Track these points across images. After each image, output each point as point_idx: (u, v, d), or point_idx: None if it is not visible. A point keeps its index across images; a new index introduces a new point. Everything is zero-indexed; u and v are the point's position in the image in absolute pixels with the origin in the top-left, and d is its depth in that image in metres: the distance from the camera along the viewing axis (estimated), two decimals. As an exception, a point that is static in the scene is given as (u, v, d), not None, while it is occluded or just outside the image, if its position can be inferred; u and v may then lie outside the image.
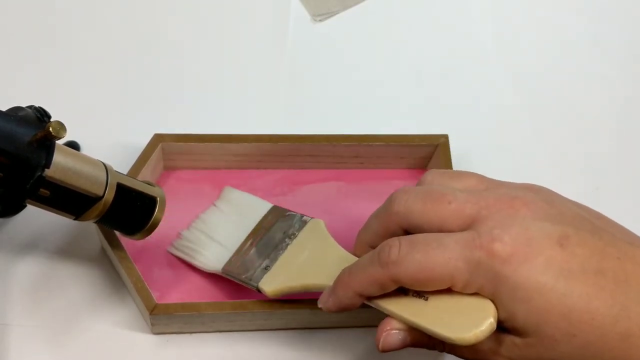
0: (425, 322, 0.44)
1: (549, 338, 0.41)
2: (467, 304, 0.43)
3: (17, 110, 0.47)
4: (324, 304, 0.48)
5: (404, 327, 0.45)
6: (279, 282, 0.51)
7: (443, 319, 0.43)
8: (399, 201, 0.46)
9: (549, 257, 0.41)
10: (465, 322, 0.43)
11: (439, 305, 0.44)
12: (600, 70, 0.71)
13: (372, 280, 0.45)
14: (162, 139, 0.57)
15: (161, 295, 0.55)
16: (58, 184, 0.46)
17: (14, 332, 0.54)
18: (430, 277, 0.43)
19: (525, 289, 0.41)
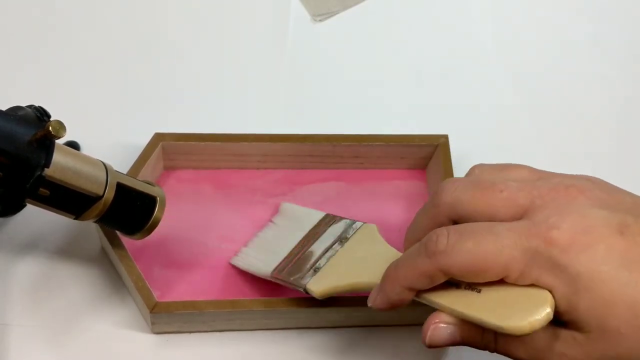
0: (478, 313, 0.42)
1: (613, 331, 0.39)
2: (522, 294, 0.41)
3: (16, 109, 0.47)
4: (373, 302, 0.46)
5: (454, 322, 0.43)
6: (326, 282, 0.51)
7: (496, 310, 0.41)
8: (447, 191, 0.44)
9: (610, 246, 0.39)
10: (520, 312, 0.40)
11: (492, 297, 0.42)
12: (600, 70, 0.71)
13: (420, 272, 0.42)
14: (162, 139, 0.57)
15: (161, 295, 0.55)
16: (58, 184, 0.46)
17: (14, 332, 0.54)
18: (482, 267, 0.40)
19: (587, 278, 0.39)
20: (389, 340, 0.56)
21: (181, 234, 0.58)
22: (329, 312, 0.54)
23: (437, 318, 0.43)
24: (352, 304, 0.53)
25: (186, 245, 0.57)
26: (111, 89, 0.65)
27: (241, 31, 0.70)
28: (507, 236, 0.40)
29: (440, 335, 0.43)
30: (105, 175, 0.48)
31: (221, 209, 0.59)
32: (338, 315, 0.54)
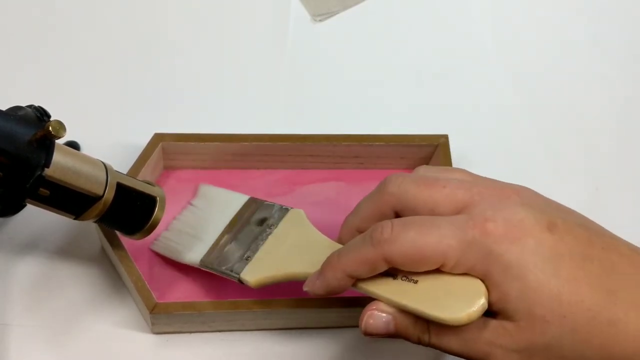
0: (415, 304, 0.44)
1: (540, 319, 0.42)
2: (457, 285, 0.43)
3: (16, 109, 0.47)
4: (311, 287, 0.48)
5: (389, 311, 0.45)
6: (261, 272, 0.51)
7: (434, 300, 0.43)
8: (394, 183, 0.46)
9: (539, 240, 0.42)
10: (457, 303, 0.43)
11: (428, 288, 0.44)
12: (600, 70, 0.71)
13: (363, 260, 0.44)
14: (162, 139, 0.57)
15: (161, 295, 0.55)
16: (58, 184, 0.46)
17: (14, 332, 0.54)
18: (422, 255, 0.43)
19: (518, 266, 0.42)
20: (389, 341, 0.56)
21: (181, 234, 0.58)
22: (329, 312, 0.54)
23: (374, 306, 0.45)
24: (352, 304, 0.53)
25: (186, 245, 0.57)
26: (111, 89, 0.65)
27: (241, 31, 0.70)
28: (446, 227, 0.43)
29: (376, 323, 0.45)
30: (105, 175, 0.48)
31: (221, 209, 0.59)
32: (338, 315, 0.54)
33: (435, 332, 0.44)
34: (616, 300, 0.42)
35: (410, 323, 0.45)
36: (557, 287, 0.42)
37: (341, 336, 0.56)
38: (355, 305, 0.53)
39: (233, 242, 0.54)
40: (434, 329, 0.44)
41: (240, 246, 0.53)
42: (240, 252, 0.53)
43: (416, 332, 0.45)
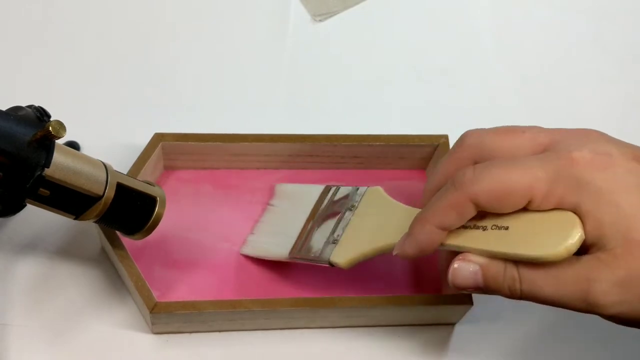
0: (510, 248, 0.42)
1: (637, 244, 0.40)
2: (549, 221, 0.42)
3: (16, 109, 0.47)
4: (401, 249, 0.46)
5: (478, 261, 0.44)
6: (350, 252, 0.51)
7: (528, 241, 0.42)
8: (472, 135, 0.46)
9: (628, 168, 0.42)
10: (553, 238, 0.41)
11: (520, 230, 0.43)
12: (600, 70, 0.71)
13: (449, 205, 0.43)
14: (162, 139, 0.57)
15: (161, 295, 0.55)
16: (58, 184, 0.46)
17: (14, 332, 0.54)
18: (509, 190, 0.42)
19: (610, 192, 0.41)
20: (389, 341, 0.56)
21: (181, 234, 0.58)
22: (329, 312, 0.54)
23: (461, 256, 0.44)
24: (352, 304, 0.53)
25: (186, 245, 0.57)
26: (111, 89, 0.65)
27: (241, 31, 0.70)
28: (531, 162, 0.42)
29: (463, 274, 0.44)
30: (105, 175, 0.48)
31: (221, 209, 0.59)
32: (338, 315, 0.54)
33: (526, 280, 0.43)
34: None
35: (500, 272, 0.43)
36: None
37: (341, 336, 0.56)
38: (355, 305, 0.53)
39: (317, 230, 0.54)
40: (525, 276, 0.43)
41: (324, 233, 0.54)
42: (325, 238, 0.53)
43: (506, 281, 0.43)
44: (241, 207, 0.59)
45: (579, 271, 0.42)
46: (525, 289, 0.43)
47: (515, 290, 0.43)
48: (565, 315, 0.58)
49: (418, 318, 0.56)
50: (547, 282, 0.42)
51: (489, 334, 0.57)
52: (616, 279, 0.41)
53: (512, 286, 0.43)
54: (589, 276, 0.41)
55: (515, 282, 0.43)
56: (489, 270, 0.44)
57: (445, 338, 0.57)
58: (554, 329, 0.57)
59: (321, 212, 0.56)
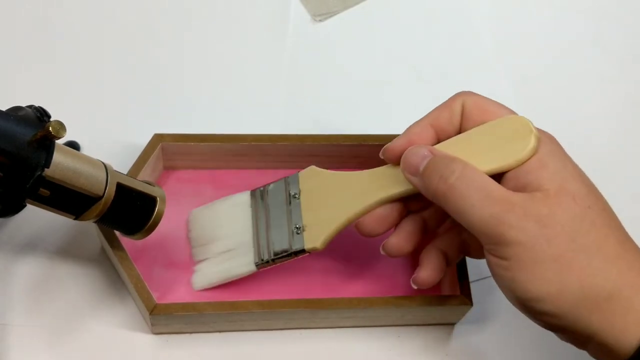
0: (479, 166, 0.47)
1: (568, 195, 0.44)
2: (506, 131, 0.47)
3: (17, 110, 0.47)
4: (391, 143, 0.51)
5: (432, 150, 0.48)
6: (322, 233, 0.52)
7: (490, 156, 0.47)
8: None
9: None
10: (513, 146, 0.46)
11: (481, 147, 0.48)
12: (600, 70, 0.71)
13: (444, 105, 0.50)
14: (162, 139, 0.57)
15: (161, 295, 0.55)
16: (58, 184, 0.46)
17: (14, 332, 0.54)
18: (490, 109, 0.49)
19: (562, 155, 0.47)
20: (389, 340, 0.56)
21: (181, 234, 0.58)
22: (328, 312, 0.54)
23: None
24: (351, 305, 0.53)
25: (186, 246, 0.57)
26: (111, 89, 0.65)
27: (241, 31, 0.70)
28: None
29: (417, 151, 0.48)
30: (105, 176, 0.48)
31: (221, 209, 0.59)
32: (338, 315, 0.54)
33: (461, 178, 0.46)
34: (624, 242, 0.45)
35: (445, 162, 0.46)
36: (589, 187, 0.46)
37: (341, 336, 0.56)
38: (355, 305, 0.53)
39: (271, 230, 0.54)
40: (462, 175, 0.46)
41: (281, 228, 0.53)
42: (285, 232, 0.53)
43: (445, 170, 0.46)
44: (241, 207, 0.59)
45: (510, 195, 0.45)
46: (455, 185, 0.45)
47: (444, 183, 0.46)
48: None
49: (418, 318, 0.56)
50: (478, 189, 0.45)
51: (489, 334, 0.57)
52: (538, 214, 0.44)
53: (444, 176, 0.46)
54: (516, 201, 0.44)
55: (451, 174, 0.46)
56: (437, 160, 0.47)
57: (445, 338, 0.57)
58: (554, 329, 0.57)
59: (262, 214, 0.55)
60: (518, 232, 0.43)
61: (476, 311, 0.56)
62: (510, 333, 0.57)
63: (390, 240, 0.51)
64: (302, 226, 0.53)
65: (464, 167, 0.46)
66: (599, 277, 0.43)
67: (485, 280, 0.59)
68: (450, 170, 0.46)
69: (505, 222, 0.44)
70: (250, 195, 0.56)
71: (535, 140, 0.46)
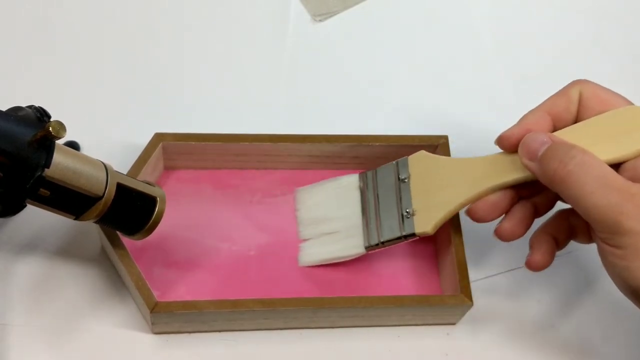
0: None
1: None
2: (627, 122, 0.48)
3: (17, 110, 0.47)
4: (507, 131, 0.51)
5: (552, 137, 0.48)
6: (432, 218, 0.52)
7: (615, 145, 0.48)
8: None
9: None
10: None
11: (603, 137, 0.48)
12: (600, 70, 0.71)
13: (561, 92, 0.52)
14: (163, 139, 0.57)
15: (161, 294, 0.55)
16: (58, 184, 0.46)
17: (14, 332, 0.54)
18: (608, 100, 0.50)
19: None
20: (389, 341, 0.56)
21: (181, 234, 0.58)
22: (329, 312, 0.54)
23: None
24: (352, 305, 0.53)
25: (186, 245, 0.57)
26: (111, 89, 0.65)
27: (241, 31, 0.70)
28: None
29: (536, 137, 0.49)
30: (106, 176, 0.48)
31: (221, 209, 0.59)
32: (338, 315, 0.54)
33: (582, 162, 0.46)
34: None
35: (566, 147, 0.47)
36: None
37: (341, 336, 0.56)
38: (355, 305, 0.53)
39: (381, 214, 0.54)
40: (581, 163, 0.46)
41: (390, 212, 0.54)
42: (395, 216, 0.54)
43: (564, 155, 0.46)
44: (241, 207, 0.59)
45: (630, 186, 0.45)
46: (574, 170, 0.46)
47: (564, 167, 0.46)
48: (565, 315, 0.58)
49: (418, 318, 0.56)
50: (596, 176, 0.45)
51: (489, 334, 0.57)
52: None
53: (564, 160, 0.46)
54: (635, 192, 0.45)
55: (571, 159, 0.46)
56: (556, 146, 0.47)
57: (445, 338, 0.57)
58: (554, 329, 0.57)
59: (371, 197, 0.56)
60: (636, 222, 0.44)
61: (476, 311, 0.56)
62: (510, 333, 0.57)
63: (503, 225, 0.52)
64: (412, 210, 0.53)
65: (583, 153, 0.46)
66: None
67: (485, 280, 0.59)
68: (570, 156, 0.46)
69: (623, 212, 0.45)
70: (359, 177, 0.57)
71: None
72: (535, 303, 0.58)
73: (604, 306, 0.58)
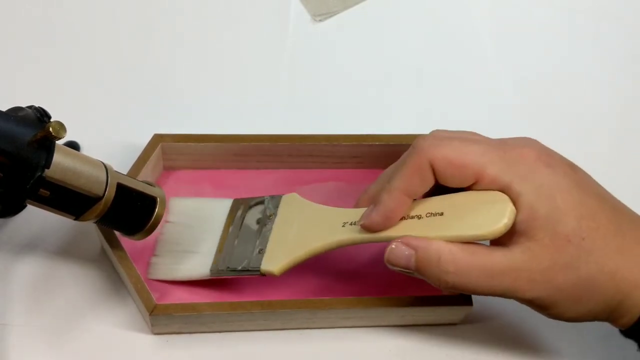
0: (446, 232, 0.46)
1: (563, 238, 0.45)
2: (482, 202, 0.46)
3: (17, 110, 0.47)
4: (367, 219, 0.49)
5: (414, 245, 0.47)
6: (281, 259, 0.51)
7: (464, 222, 0.46)
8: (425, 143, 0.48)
9: (567, 172, 0.47)
10: (489, 217, 0.45)
11: (455, 213, 0.46)
12: (600, 70, 0.71)
13: (412, 170, 0.47)
14: (162, 139, 0.57)
15: (161, 296, 0.54)
16: (58, 184, 0.46)
17: (14, 332, 0.54)
18: (464, 162, 0.46)
19: (549, 187, 0.46)
20: (388, 341, 0.56)
21: (181, 234, 0.58)
22: (328, 313, 0.54)
23: (401, 238, 0.48)
24: (351, 306, 0.53)
25: (186, 246, 0.57)
26: (111, 89, 0.65)
27: (241, 31, 0.70)
28: (487, 145, 0.48)
29: (397, 254, 0.48)
30: (106, 176, 0.48)
31: (221, 209, 0.59)
32: (337, 315, 0.54)
33: (459, 272, 0.46)
34: (624, 234, 0.47)
35: (434, 261, 0.46)
36: (581, 212, 0.46)
37: (341, 336, 0.56)
38: (354, 305, 0.53)
39: (237, 243, 0.54)
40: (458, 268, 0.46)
41: (247, 244, 0.53)
42: (249, 249, 0.53)
43: (438, 270, 0.46)
44: (241, 207, 0.59)
45: (510, 263, 0.46)
46: (454, 280, 0.47)
47: (444, 280, 0.47)
48: (565, 315, 0.58)
49: (418, 318, 0.56)
50: (479, 274, 0.46)
51: (489, 334, 0.57)
52: (540, 267, 0.46)
53: (441, 277, 0.47)
54: (519, 266, 0.46)
55: (446, 274, 0.47)
56: (423, 258, 0.47)
57: (445, 338, 0.57)
58: (554, 329, 0.57)
59: (236, 226, 0.55)
60: (535, 293, 0.47)
61: (476, 311, 0.56)
62: (510, 333, 0.57)
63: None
64: (266, 248, 0.52)
65: (452, 259, 0.46)
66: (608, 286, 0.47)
67: (485, 280, 0.59)
68: (444, 270, 0.46)
69: (519, 290, 0.47)
70: (232, 203, 0.57)
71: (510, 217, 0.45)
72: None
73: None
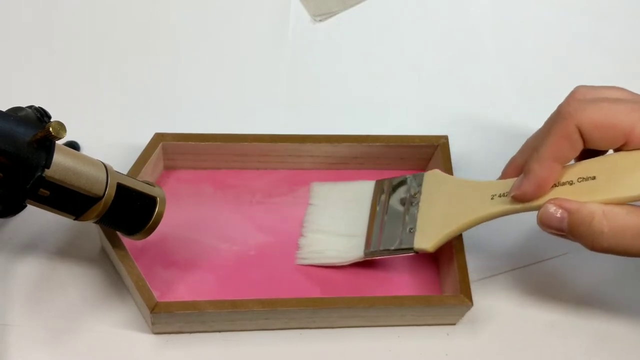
0: (604, 195, 0.45)
1: None
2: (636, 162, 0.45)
3: (17, 110, 0.47)
4: (518, 190, 0.48)
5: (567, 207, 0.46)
6: (434, 235, 0.52)
7: (619, 185, 0.45)
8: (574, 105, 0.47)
9: None
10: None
11: (608, 176, 0.45)
12: (600, 70, 0.71)
13: (560, 136, 0.46)
14: (163, 139, 0.57)
15: (161, 295, 0.55)
16: (58, 184, 0.46)
17: (14, 332, 0.54)
18: (612, 123, 0.45)
19: None
20: (389, 341, 0.56)
21: (181, 234, 0.58)
22: (329, 312, 0.54)
23: (554, 200, 0.47)
24: (351, 305, 0.53)
25: (186, 245, 0.57)
26: (111, 89, 0.65)
27: (241, 31, 0.70)
28: (634, 102, 0.46)
29: (550, 216, 0.47)
30: (106, 176, 0.48)
31: (221, 209, 0.59)
32: (338, 315, 0.54)
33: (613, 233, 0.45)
34: None
35: (587, 222, 0.46)
36: None
37: (341, 336, 0.56)
38: (354, 305, 0.53)
39: (386, 224, 0.55)
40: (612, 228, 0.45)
41: (395, 224, 0.55)
42: (399, 228, 0.54)
43: (591, 231, 0.46)
44: (241, 207, 0.59)
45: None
46: (610, 242, 0.46)
47: (599, 242, 0.46)
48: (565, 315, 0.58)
49: (418, 318, 0.56)
50: (634, 235, 0.45)
51: (489, 334, 0.57)
52: None
53: (595, 239, 0.46)
54: None
55: (600, 235, 0.46)
56: (576, 220, 0.46)
57: (445, 338, 0.57)
58: (554, 329, 0.58)
59: (382, 207, 0.56)
60: None
61: (476, 311, 0.56)
62: (510, 333, 0.57)
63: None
64: (416, 227, 0.53)
65: (606, 219, 0.46)
66: None
67: (485, 280, 0.59)
68: (598, 230, 0.46)
69: None
70: (375, 184, 0.58)
71: None
72: (535, 303, 0.58)
73: (603, 306, 0.59)
